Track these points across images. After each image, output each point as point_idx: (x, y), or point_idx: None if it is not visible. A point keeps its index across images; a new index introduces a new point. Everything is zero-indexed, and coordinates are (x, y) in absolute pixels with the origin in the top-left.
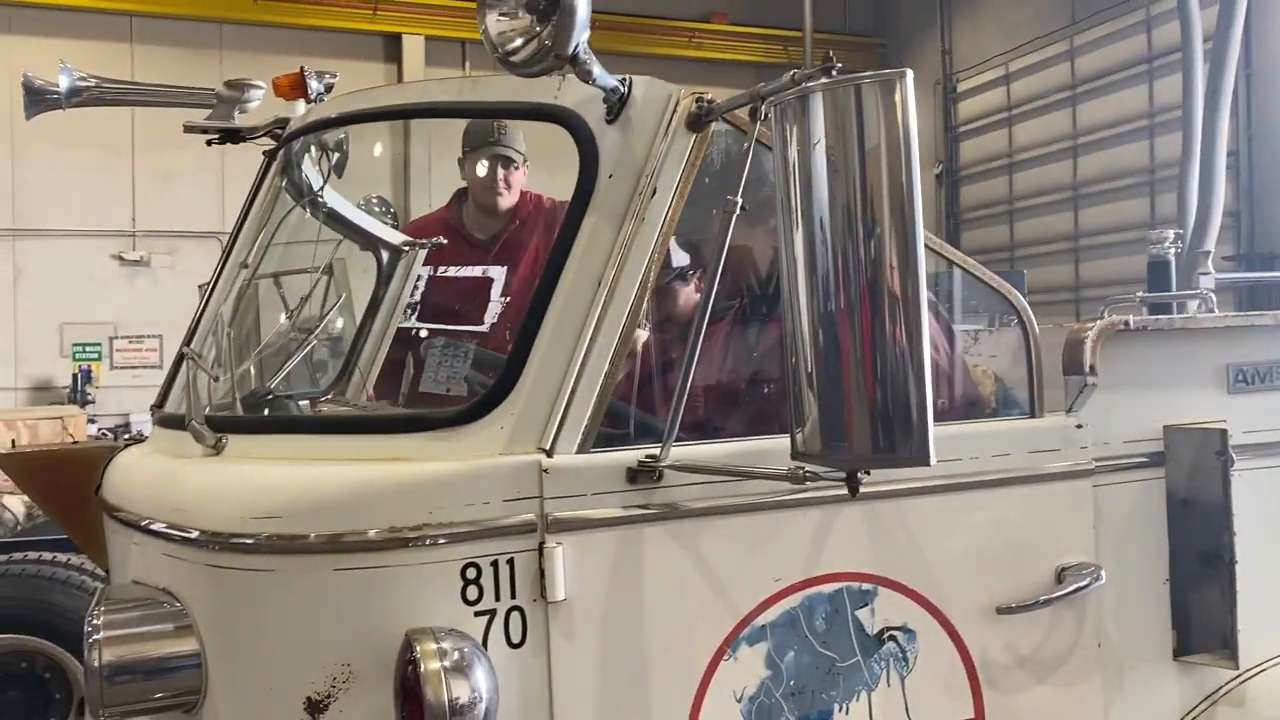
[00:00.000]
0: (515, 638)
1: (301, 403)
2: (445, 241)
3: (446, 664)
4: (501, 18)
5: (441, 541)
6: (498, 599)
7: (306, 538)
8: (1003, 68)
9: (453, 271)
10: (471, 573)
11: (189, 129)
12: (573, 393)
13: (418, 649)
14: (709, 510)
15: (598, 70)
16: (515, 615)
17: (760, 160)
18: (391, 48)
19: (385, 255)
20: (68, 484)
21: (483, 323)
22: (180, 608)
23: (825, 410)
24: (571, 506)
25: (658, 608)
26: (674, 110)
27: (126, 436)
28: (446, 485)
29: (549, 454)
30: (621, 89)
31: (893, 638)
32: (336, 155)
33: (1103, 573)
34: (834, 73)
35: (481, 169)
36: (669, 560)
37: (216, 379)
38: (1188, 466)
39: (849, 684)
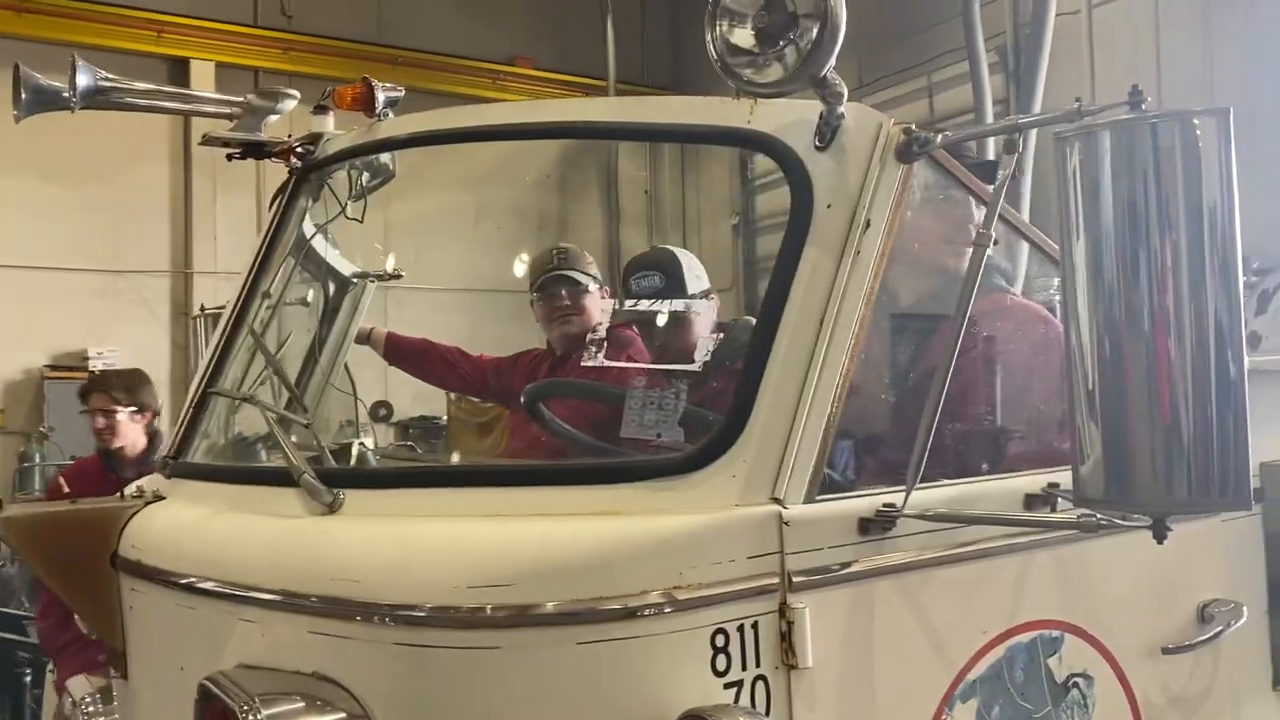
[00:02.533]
0: (760, 710)
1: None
2: None
3: None
4: (736, 32)
5: (694, 605)
6: (744, 668)
7: (542, 608)
8: None
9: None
10: (720, 640)
11: (209, 141)
12: (802, 436)
13: None
14: (931, 561)
15: (845, 93)
16: (760, 685)
17: (949, 195)
18: (178, 74)
19: (332, 288)
20: (73, 549)
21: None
22: (347, 695)
23: (1120, 450)
24: (810, 561)
25: (886, 668)
26: (884, 139)
27: (133, 493)
28: (696, 542)
29: (782, 504)
30: (843, 116)
31: (1076, 684)
32: (377, 179)
33: (1245, 609)
34: (1143, 106)
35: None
36: (896, 616)
37: (308, 425)
38: None
39: None
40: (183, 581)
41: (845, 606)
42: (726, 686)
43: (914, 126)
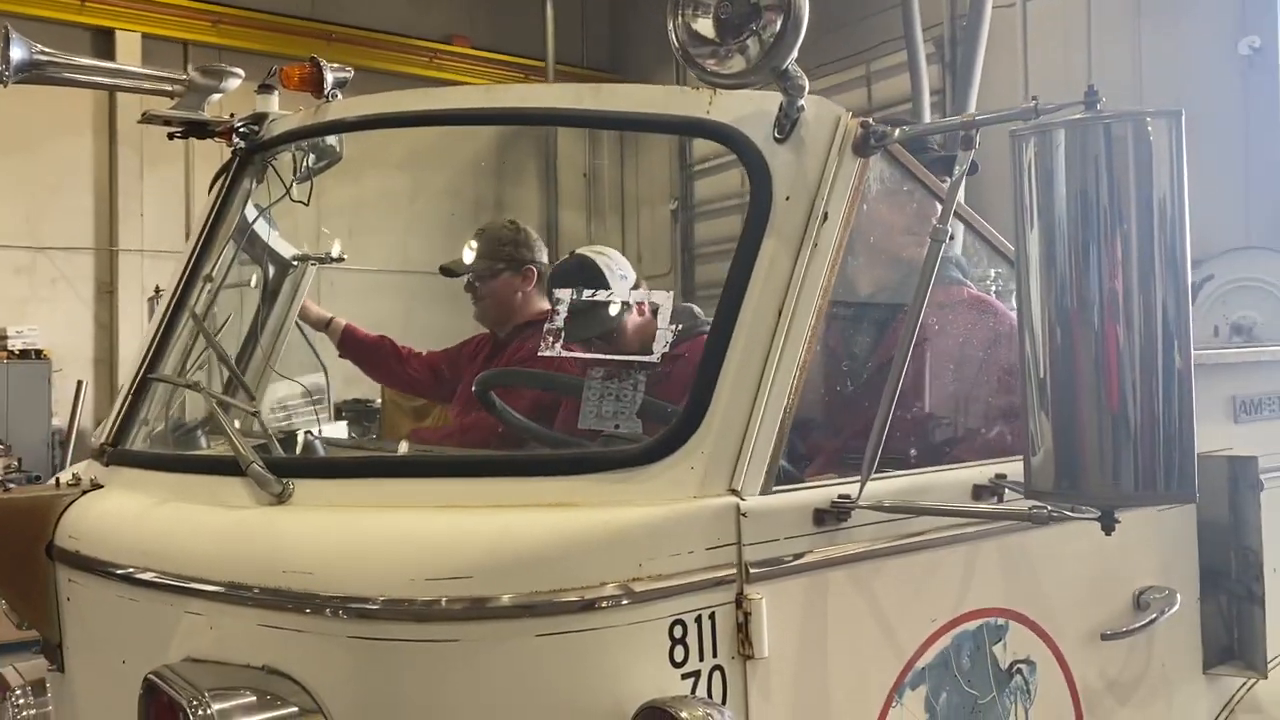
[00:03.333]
0: (716, 700)
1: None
2: None
3: None
4: (698, 21)
5: (652, 597)
6: (701, 659)
7: (500, 600)
8: None
9: None
10: (678, 631)
11: (149, 119)
12: (759, 428)
13: None
14: (883, 551)
15: (806, 85)
16: (717, 675)
17: (903, 189)
18: (102, 44)
19: (272, 270)
20: (8, 538)
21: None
22: (299, 689)
23: (1070, 442)
24: (766, 552)
25: (838, 657)
26: (842, 133)
27: (69, 481)
28: (654, 533)
29: (740, 496)
30: (803, 108)
31: (1019, 671)
32: (323, 160)
33: (1178, 596)
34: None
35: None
36: (848, 606)
37: (254, 413)
38: (1217, 492)
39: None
40: (124, 573)
41: (800, 597)
42: (684, 677)
43: (871, 120)
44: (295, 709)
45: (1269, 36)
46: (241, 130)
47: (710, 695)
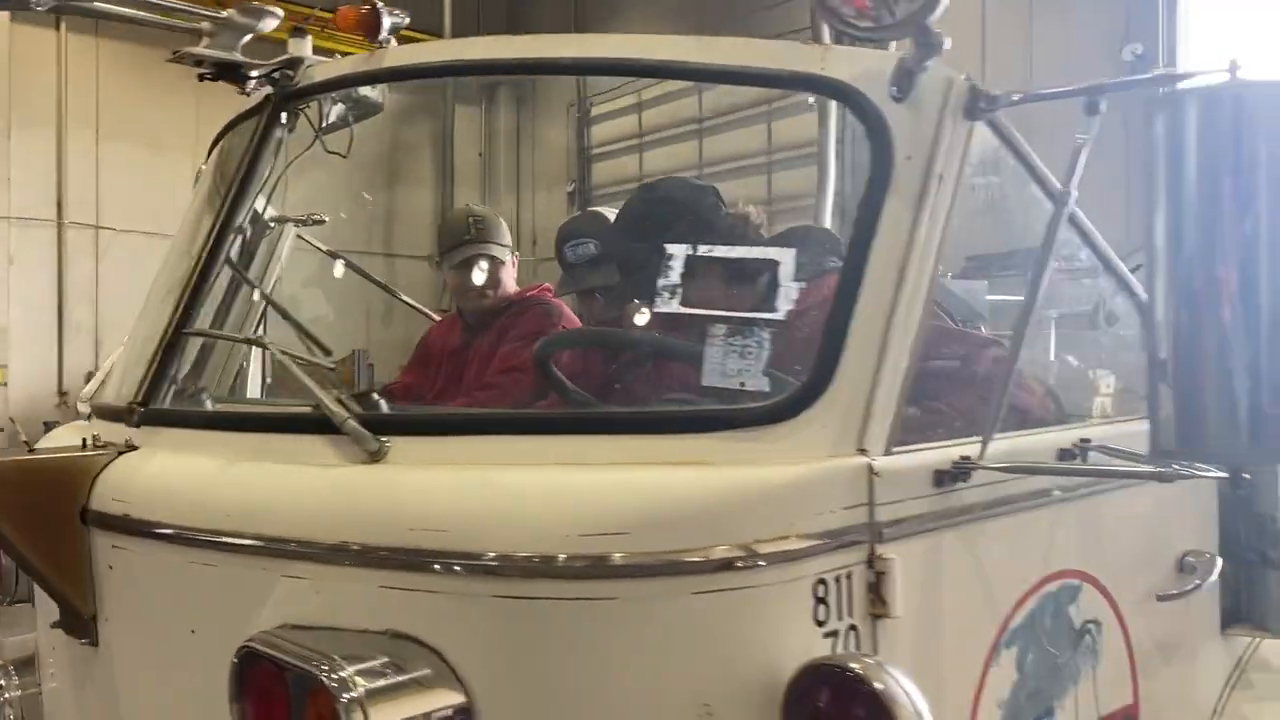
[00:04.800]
0: None
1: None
2: None
3: (902, 685)
4: None
5: (802, 556)
6: (839, 618)
7: (659, 556)
8: (635, 96)
9: None
10: (820, 590)
11: (181, 58)
12: (883, 387)
13: (869, 679)
14: (987, 514)
15: (943, 44)
16: (852, 635)
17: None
18: None
19: (249, 231)
20: (39, 502)
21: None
22: (430, 653)
23: (1195, 405)
24: (894, 513)
25: (948, 618)
26: (954, 94)
27: (95, 441)
28: (802, 492)
29: (869, 455)
30: (928, 68)
31: (1089, 631)
32: (361, 112)
33: (1218, 559)
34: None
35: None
36: (958, 567)
37: (333, 368)
38: None
39: (1063, 681)
40: (202, 537)
41: (919, 558)
42: (825, 636)
43: (978, 85)
44: (428, 672)
45: (1150, 44)
46: (275, 76)
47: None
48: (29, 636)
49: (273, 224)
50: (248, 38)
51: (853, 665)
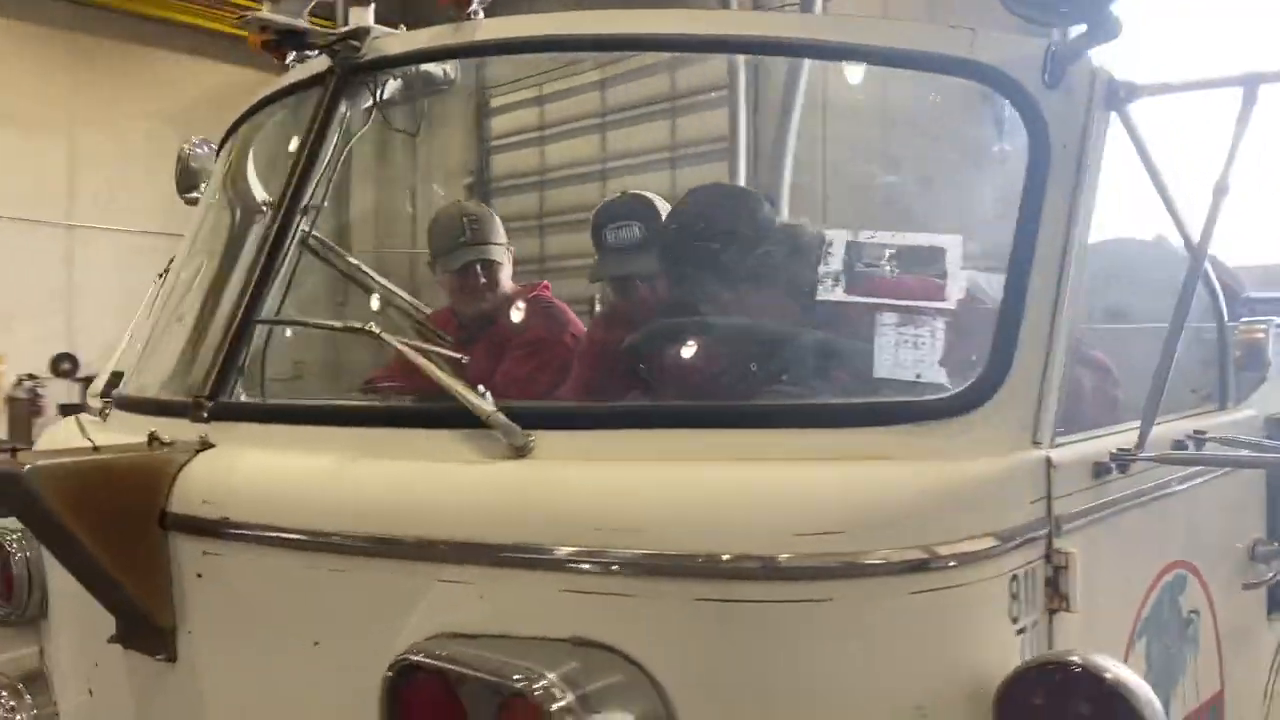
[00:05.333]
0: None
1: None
2: None
3: (1131, 676)
4: None
5: (1003, 552)
6: (1027, 614)
7: (874, 556)
8: (537, 89)
9: None
10: (1014, 586)
11: (248, 23)
12: (1049, 378)
13: (1102, 672)
14: (1129, 505)
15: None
16: (1035, 630)
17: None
18: None
19: (239, 213)
20: (117, 505)
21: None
22: (621, 659)
23: None
24: (1067, 506)
25: (1097, 610)
26: (1098, 83)
27: (163, 441)
28: (1003, 486)
29: (1043, 448)
30: (1089, 57)
31: (1191, 620)
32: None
33: None
34: None
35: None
36: (1103, 558)
37: (461, 359)
38: None
39: (1174, 671)
40: (329, 541)
41: (1082, 551)
42: (1017, 633)
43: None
44: (621, 678)
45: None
46: (337, 47)
47: (1034, 650)
48: (23, 654)
49: (265, 208)
50: (312, 3)
51: (1074, 660)
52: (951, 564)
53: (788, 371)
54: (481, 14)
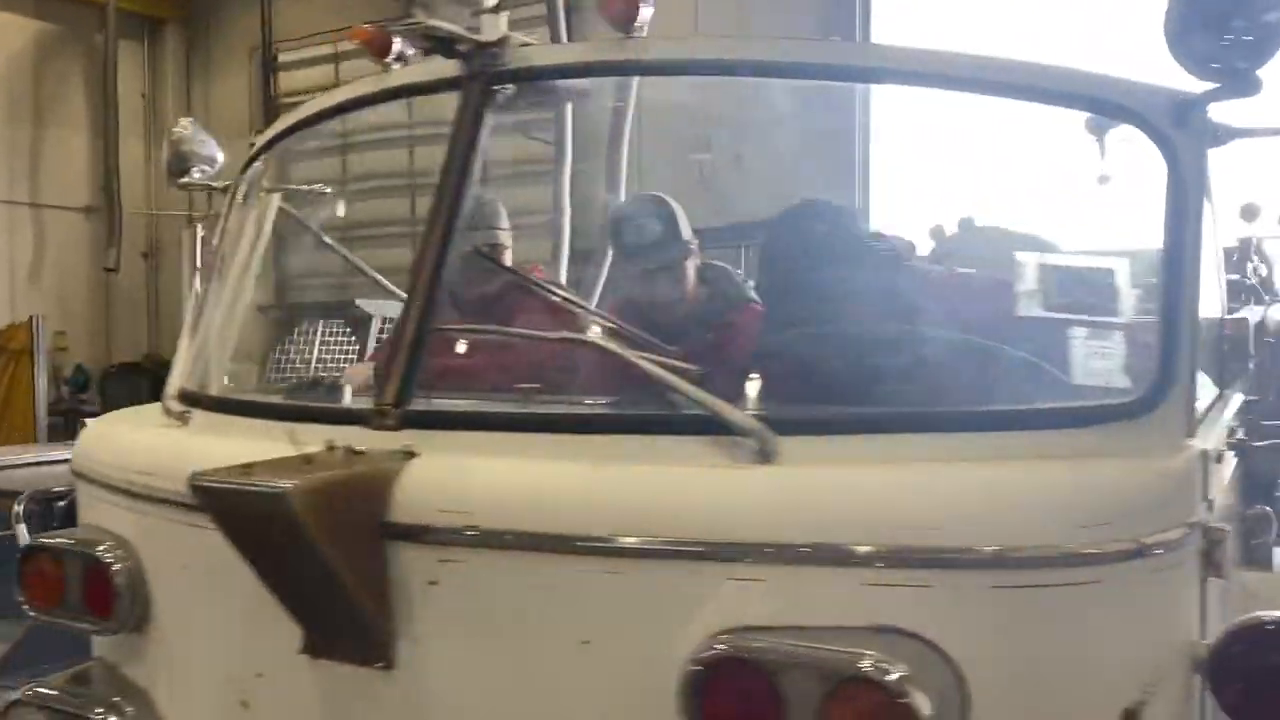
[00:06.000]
0: None
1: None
2: None
3: None
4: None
5: (1194, 533)
6: (1201, 584)
7: (1132, 543)
8: (331, 46)
9: None
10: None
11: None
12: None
13: None
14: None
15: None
16: (1199, 599)
17: None
18: None
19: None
20: (350, 518)
21: None
22: (920, 643)
23: None
24: (1212, 489)
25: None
26: (1206, 124)
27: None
28: (1194, 476)
29: (1195, 441)
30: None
31: None
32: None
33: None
34: None
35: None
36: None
37: (702, 371)
38: None
39: None
40: (602, 545)
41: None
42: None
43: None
44: (921, 659)
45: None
46: (480, 55)
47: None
48: None
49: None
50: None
51: (1267, 619)
52: (1174, 546)
53: (974, 379)
54: (644, 31)
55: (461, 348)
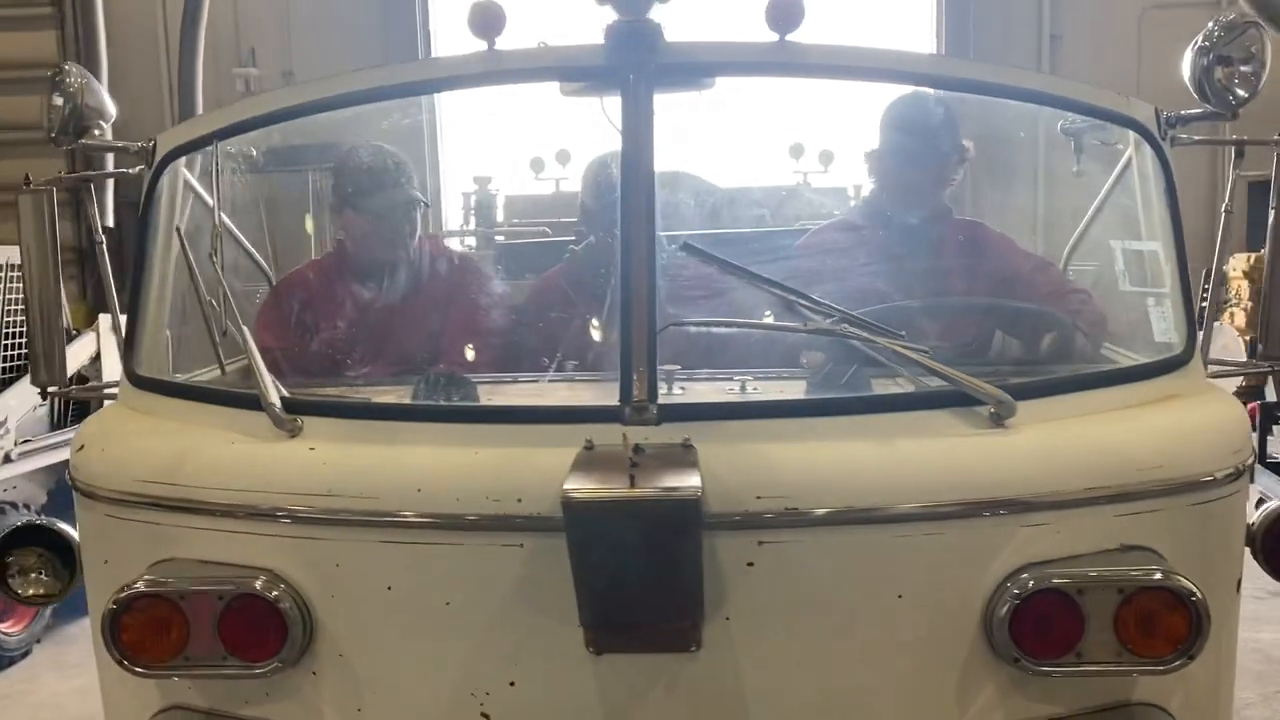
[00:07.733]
0: None
1: None
2: None
3: None
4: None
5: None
6: None
7: (1249, 456)
8: None
9: None
10: None
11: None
12: None
13: None
14: None
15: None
16: None
17: None
18: None
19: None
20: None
21: None
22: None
23: None
24: None
25: None
26: (1165, 132)
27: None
28: (1238, 405)
29: None
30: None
31: None
32: None
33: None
34: None
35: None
36: None
37: (928, 351)
38: None
39: None
40: (921, 512)
41: None
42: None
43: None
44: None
45: (408, 36)
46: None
47: None
48: None
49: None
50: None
51: None
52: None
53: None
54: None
55: None
